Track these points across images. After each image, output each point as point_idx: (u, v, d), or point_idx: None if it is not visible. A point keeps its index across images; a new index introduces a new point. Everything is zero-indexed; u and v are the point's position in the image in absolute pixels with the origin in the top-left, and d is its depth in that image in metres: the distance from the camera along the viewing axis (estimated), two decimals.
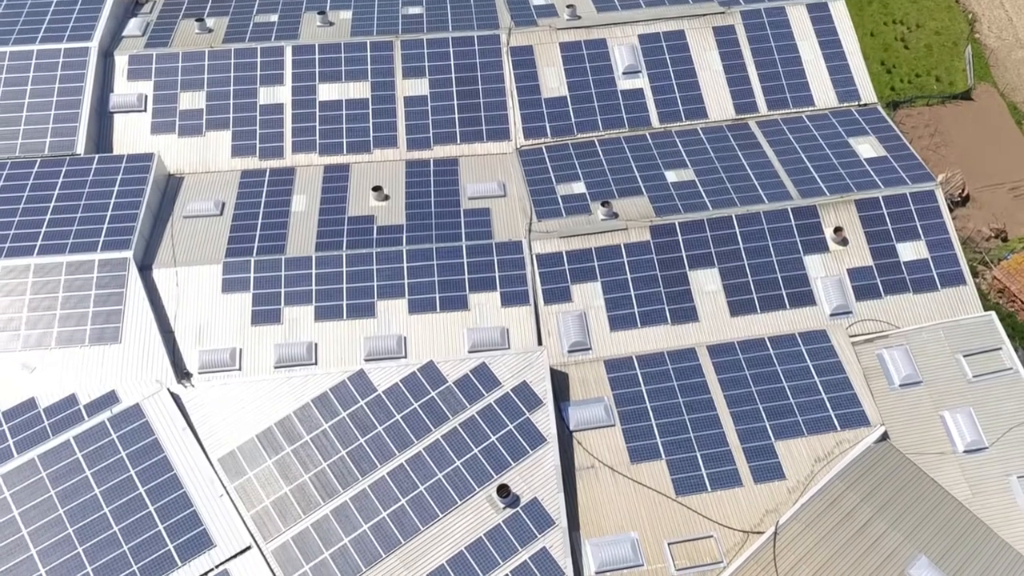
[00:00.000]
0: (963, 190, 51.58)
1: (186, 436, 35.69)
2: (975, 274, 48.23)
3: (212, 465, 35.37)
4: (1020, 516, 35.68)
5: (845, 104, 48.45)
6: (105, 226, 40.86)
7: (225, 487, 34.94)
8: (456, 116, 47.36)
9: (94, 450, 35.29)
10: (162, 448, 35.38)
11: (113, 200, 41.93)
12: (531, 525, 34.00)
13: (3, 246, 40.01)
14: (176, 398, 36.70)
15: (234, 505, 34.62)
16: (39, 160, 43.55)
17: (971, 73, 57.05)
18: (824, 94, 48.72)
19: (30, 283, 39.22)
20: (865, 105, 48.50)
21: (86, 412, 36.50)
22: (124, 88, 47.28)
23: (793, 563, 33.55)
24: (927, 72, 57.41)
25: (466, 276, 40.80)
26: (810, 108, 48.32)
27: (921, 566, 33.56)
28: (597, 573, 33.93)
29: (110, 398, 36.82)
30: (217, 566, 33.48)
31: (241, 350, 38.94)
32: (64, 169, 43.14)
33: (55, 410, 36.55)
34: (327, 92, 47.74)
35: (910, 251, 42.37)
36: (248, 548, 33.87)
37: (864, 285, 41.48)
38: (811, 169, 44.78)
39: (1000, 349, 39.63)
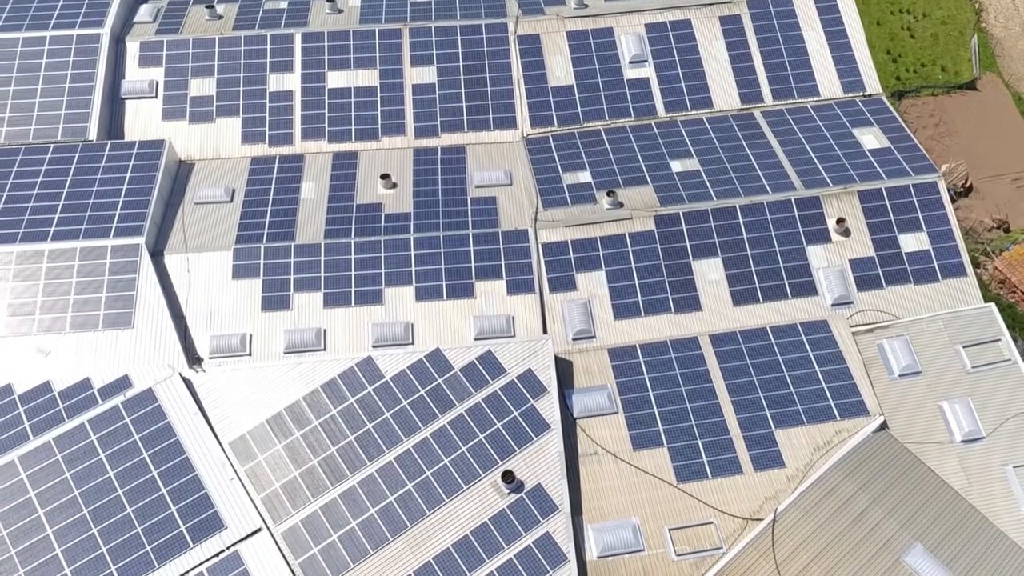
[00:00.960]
0: (966, 180, 51.93)
1: (197, 420, 36.44)
2: (976, 264, 48.68)
3: (223, 449, 36.13)
4: (1015, 505, 36.33)
5: (850, 94, 48.78)
6: (117, 212, 41.49)
7: (236, 470, 35.71)
8: (463, 104, 47.81)
9: (108, 433, 36.07)
10: (174, 432, 36.15)
11: (125, 186, 42.54)
12: (535, 510, 34.74)
13: (18, 231, 40.69)
14: (188, 383, 37.44)
15: (244, 488, 35.40)
16: (52, 146, 44.15)
17: (977, 63, 57.24)
18: (829, 84, 49.04)
19: (44, 268, 39.91)
20: (870, 95, 48.84)
21: (100, 396, 37.26)
22: (135, 74, 47.80)
23: (791, 550, 34.27)
24: (933, 62, 57.64)
25: (472, 264, 41.40)
26: (815, 98, 48.65)
27: (916, 554, 34.27)
28: (599, 557, 34.70)
29: (123, 382, 37.57)
30: (228, 547, 34.29)
31: (251, 336, 39.64)
32: (77, 155, 43.75)
33: (69, 394, 37.32)
34: (336, 79, 48.19)
35: (912, 242, 42.85)
36: (258, 530, 34.68)
37: (865, 276, 42.00)
38: (815, 160, 45.20)
39: (999, 340, 40.15)
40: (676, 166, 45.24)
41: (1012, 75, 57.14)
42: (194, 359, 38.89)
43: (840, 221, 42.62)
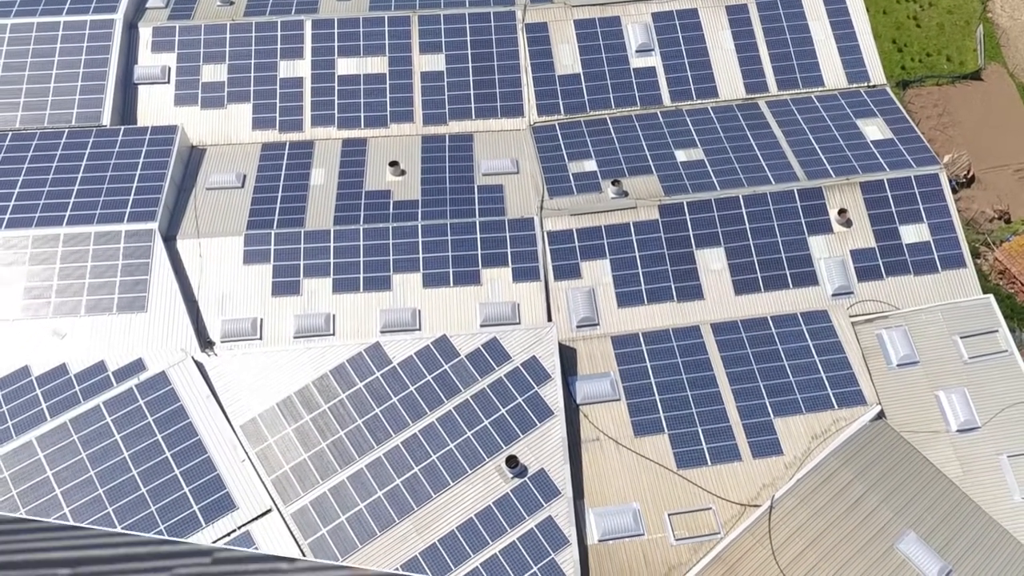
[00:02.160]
0: (968, 171, 52.38)
1: (210, 403, 37.33)
2: (977, 255, 49.23)
3: (234, 431, 37.03)
4: (1008, 494, 37.11)
5: (855, 85, 49.24)
6: (131, 197, 42.25)
7: (247, 453, 36.63)
8: (471, 92, 48.38)
9: (122, 415, 36.99)
10: (187, 414, 37.05)
11: (139, 172, 43.28)
12: (538, 494, 35.63)
13: (34, 215, 41.48)
14: (200, 366, 38.28)
15: (255, 470, 36.33)
16: (67, 131, 44.86)
17: (982, 53, 57.53)
18: (834, 74, 49.51)
19: (60, 252, 40.72)
20: (874, 86, 49.29)
21: (115, 378, 38.15)
22: (148, 60, 48.42)
23: (787, 535, 35.14)
24: (938, 51, 57.97)
25: (479, 252, 42.11)
26: (820, 88, 49.13)
27: (909, 541, 35.12)
28: (600, 541, 35.60)
29: (137, 365, 38.45)
30: (239, 527, 35.25)
31: (262, 320, 40.46)
32: (91, 140, 44.46)
33: (85, 376, 38.22)
34: (345, 66, 48.77)
35: (912, 233, 43.46)
36: (269, 511, 35.63)
37: (866, 266, 42.64)
38: (818, 151, 45.75)
39: (996, 331, 40.81)
40: (681, 155, 45.82)
41: (1017, 66, 57.46)
42: (206, 343, 39.74)
43: (842, 212, 43.22)
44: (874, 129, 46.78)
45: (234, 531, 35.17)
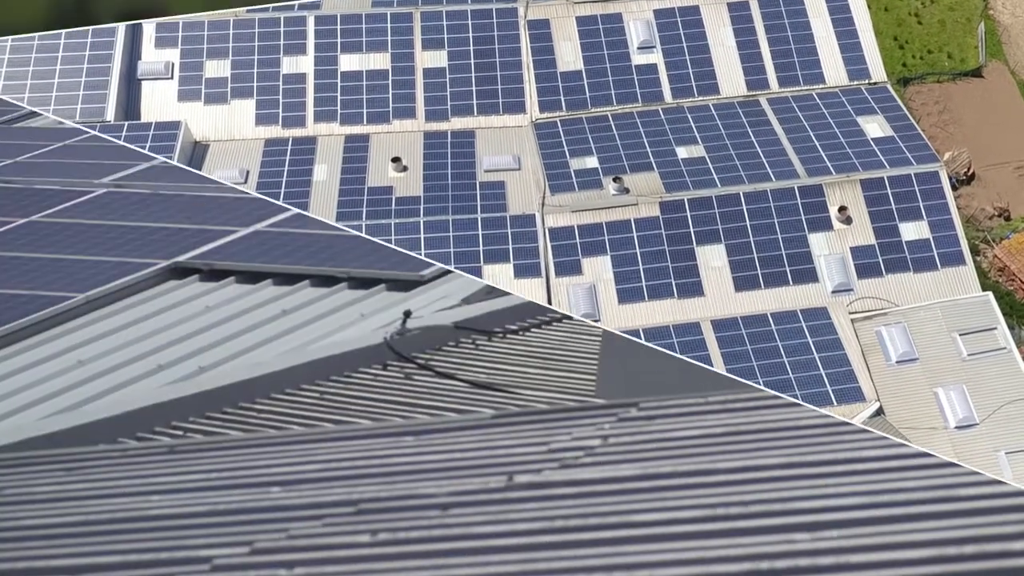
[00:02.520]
0: (968, 168, 52.45)
1: None
2: (976, 252, 49.28)
3: None
4: None
5: (856, 82, 49.37)
6: None
7: None
8: (473, 88, 48.56)
9: None
10: None
11: None
12: None
13: None
14: None
15: None
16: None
17: (983, 50, 57.57)
18: (835, 71, 49.62)
19: None
20: (875, 83, 49.42)
21: None
22: (152, 56, 48.64)
23: None
24: (939, 48, 58.00)
25: (481, 248, 42.35)
26: (821, 85, 49.25)
27: None
28: None
29: None
30: None
31: None
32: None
33: None
34: (348, 63, 48.96)
35: (912, 231, 43.62)
36: None
37: (866, 263, 42.80)
38: (819, 148, 45.90)
39: (995, 329, 40.97)
40: (682, 152, 46.00)
41: (1018, 63, 57.50)
42: None
43: (842, 209, 43.37)
44: (875, 126, 46.92)
45: None
